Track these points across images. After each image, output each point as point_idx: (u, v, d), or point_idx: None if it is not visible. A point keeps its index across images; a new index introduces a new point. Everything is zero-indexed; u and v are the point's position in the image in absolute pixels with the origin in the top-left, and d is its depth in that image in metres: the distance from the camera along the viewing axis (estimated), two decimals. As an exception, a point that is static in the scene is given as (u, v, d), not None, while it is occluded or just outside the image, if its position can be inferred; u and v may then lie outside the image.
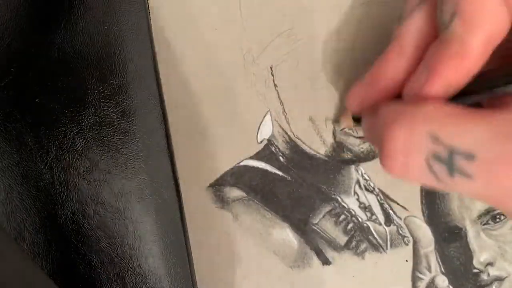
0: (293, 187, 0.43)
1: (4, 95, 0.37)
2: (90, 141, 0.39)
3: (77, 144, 0.38)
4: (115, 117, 0.39)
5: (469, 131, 0.29)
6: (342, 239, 0.43)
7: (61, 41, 0.38)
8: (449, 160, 0.29)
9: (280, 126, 0.43)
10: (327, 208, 0.43)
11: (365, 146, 0.43)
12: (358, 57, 0.42)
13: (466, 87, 0.31)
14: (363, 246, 0.43)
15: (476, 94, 0.31)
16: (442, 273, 0.43)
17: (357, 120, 0.40)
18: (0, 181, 0.38)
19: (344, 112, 0.42)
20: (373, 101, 0.36)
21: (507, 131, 0.28)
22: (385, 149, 0.32)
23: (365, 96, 0.36)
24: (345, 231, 0.43)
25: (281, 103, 0.43)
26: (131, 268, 0.39)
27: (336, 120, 0.42)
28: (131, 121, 0.39)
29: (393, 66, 0.34)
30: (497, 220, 0.42)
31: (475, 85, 0.31)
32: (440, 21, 0.32)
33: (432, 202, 0.43)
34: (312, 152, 0.43)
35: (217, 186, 0.43)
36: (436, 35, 0.32)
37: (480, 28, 0.29)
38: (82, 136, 0.39)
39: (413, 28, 0.33)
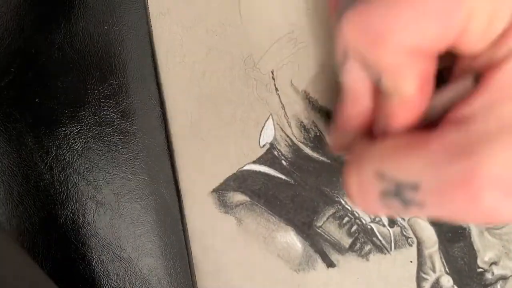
0: (296, 191, 0.43)
1: (4, 95, 0.38)
2: (90, 141, 0.39)
3: (77, 144, 0.39)
4: (115, 117, 0.39)
5: (410, 162, 0.29)
6: (346, 242, 0.43)
7: (61, 41, 0.38)
8: (398, 194, 0.30)
9: (282, 130, 0.43)
10: (331, 210, 0.43)
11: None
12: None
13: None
14: (367, 248, 0.43)
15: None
16: (447, 273, 0.42)
17: None
18: (0, 181, 0.38)
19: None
20: (352, 138, 0.36)
21: (443, 156, 0.28)
22: (346, 192, 0.33)
23: (343, 139, 0.37)
24: (349, 233, 0.43)
25: (283, 107, 0.42)
26: (131, 268, 0.39)
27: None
28: (131, 121, 0.39)
29: (353, 109, 0.35)
30: (501, 218, 0.42)
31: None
32: (370, 77, 0.32)
33: (436, 202, 0.42)
34: (315, 155, 0.43)
35: (220, 191, 0.43)
36: None
37: (407, 79, 0.30)
38: (82, 136, 0.39)
39: (352, 75, 0.33)
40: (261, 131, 0.43)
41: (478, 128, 0.28)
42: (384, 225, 0.43)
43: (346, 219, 0.43)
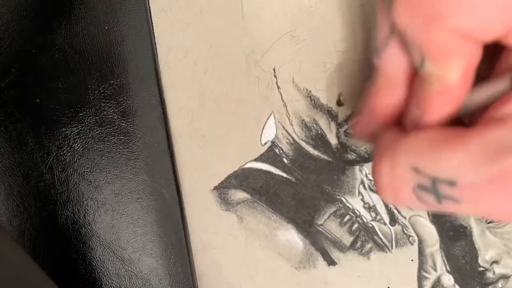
0: (298, 189, 0.43)
1: (5, 95, 0.38)
2: (90, 141, 0.39)
3: (77, 144, 0.39)
4: (115, 117, 0.39)
5: (447, 158, 0.29)
6: (347, 240, 0.43)
7: (61, 41, 0.38)
8: (434, 188, 0.30)
9: (283, 128, 0.43)
10: (332, 209, 0.43)
11: (368, 147, 0.42)
12: (359, 58, 0.42)
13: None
14: (368, 246, 0.43)
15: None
16: (448, 271, 0.42)
17: None
18: (1, 181, 0.38)
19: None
20: (378, 128, 0.36)
21: (482, 153, 0.28)
22: (376, 183, 0.33)
23: (368, 127, 0.37)
24: (350, 232, 0.43)
25: (284, 105, 0.42)
26: (131, 268, 0.39)
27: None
28: (131, 121, 0.39)
29: (386, 98, 0.34)
30: (502, 217, 0.42)
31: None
32: (413, 61, 0.31)
33: (437, 201, 0.42)
34: (316, 154, 0.43)
35: (222, 188, 0.43)
36: None
37: (452, 65, 0.29)
38: (82, 136, 0.39)
39: (392, 59, 0.33)
40: (263, 129, 0.43)
41: None
42: (385, 224, 0.43)
43: (347, 217, 0.43)
